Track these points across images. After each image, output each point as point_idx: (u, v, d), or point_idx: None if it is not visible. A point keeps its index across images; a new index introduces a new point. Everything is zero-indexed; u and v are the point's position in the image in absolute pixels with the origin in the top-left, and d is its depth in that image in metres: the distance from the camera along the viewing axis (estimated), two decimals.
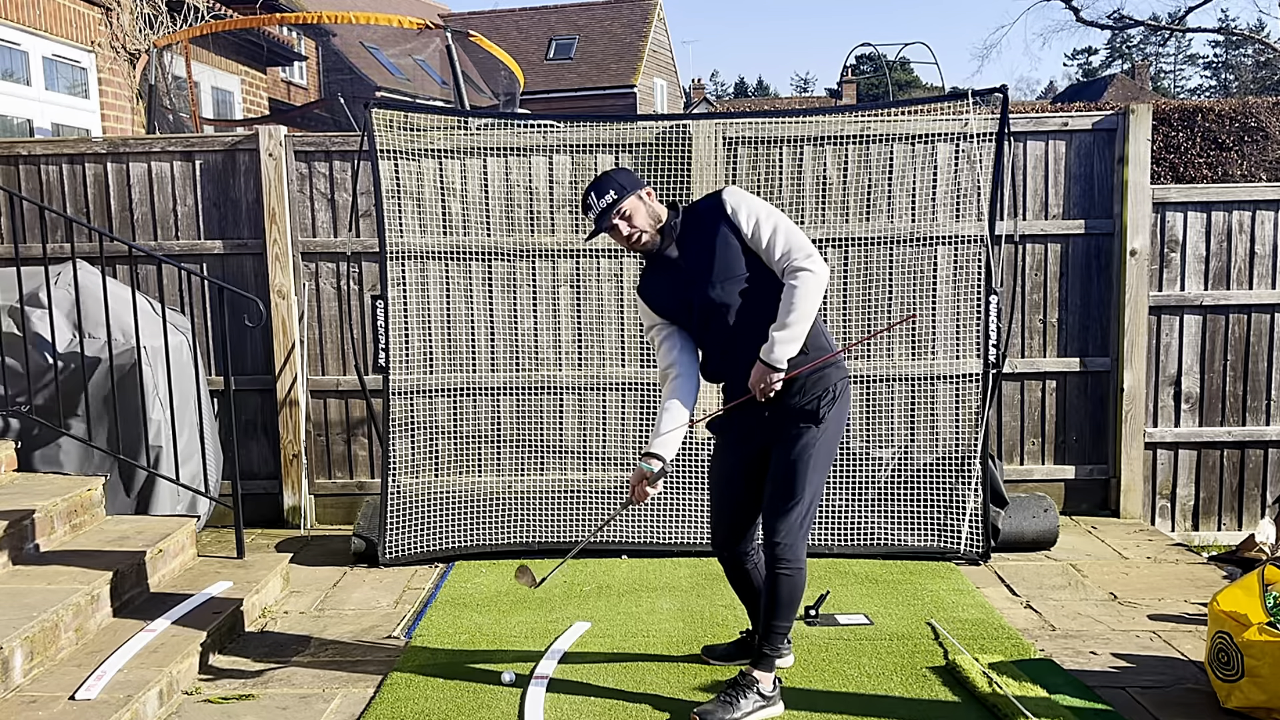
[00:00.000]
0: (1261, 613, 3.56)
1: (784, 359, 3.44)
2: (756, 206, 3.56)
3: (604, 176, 3.63)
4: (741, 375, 3.55)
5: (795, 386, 3.53)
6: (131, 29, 9.03)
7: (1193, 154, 12.44)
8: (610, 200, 3.57)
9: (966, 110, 5.57)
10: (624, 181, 3.60)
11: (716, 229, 3.55)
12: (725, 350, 3.61)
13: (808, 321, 3.47)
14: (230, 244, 6.06)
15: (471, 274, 5.79)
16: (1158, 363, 6.10)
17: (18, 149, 6.03)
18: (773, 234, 3.50)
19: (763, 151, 5.81)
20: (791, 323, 3.43)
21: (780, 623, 3.64)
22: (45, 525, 4.54)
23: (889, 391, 5.80)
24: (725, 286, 3.54)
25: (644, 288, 3.75)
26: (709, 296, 3.55)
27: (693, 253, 3.59)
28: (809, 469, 3.55)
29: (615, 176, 3.63)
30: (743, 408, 3.59)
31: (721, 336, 3.59)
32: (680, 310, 3.66)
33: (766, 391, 3.48)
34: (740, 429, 3.70)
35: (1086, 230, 5.99)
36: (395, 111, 5.76)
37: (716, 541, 3.89)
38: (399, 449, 5.62)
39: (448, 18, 29.09)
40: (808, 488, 3.57)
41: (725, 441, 3.80)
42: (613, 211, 3.57)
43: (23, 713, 3.44)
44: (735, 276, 3.54)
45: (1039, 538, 5.46)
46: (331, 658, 4.23)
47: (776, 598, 3.60)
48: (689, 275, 3.59)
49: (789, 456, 3.56)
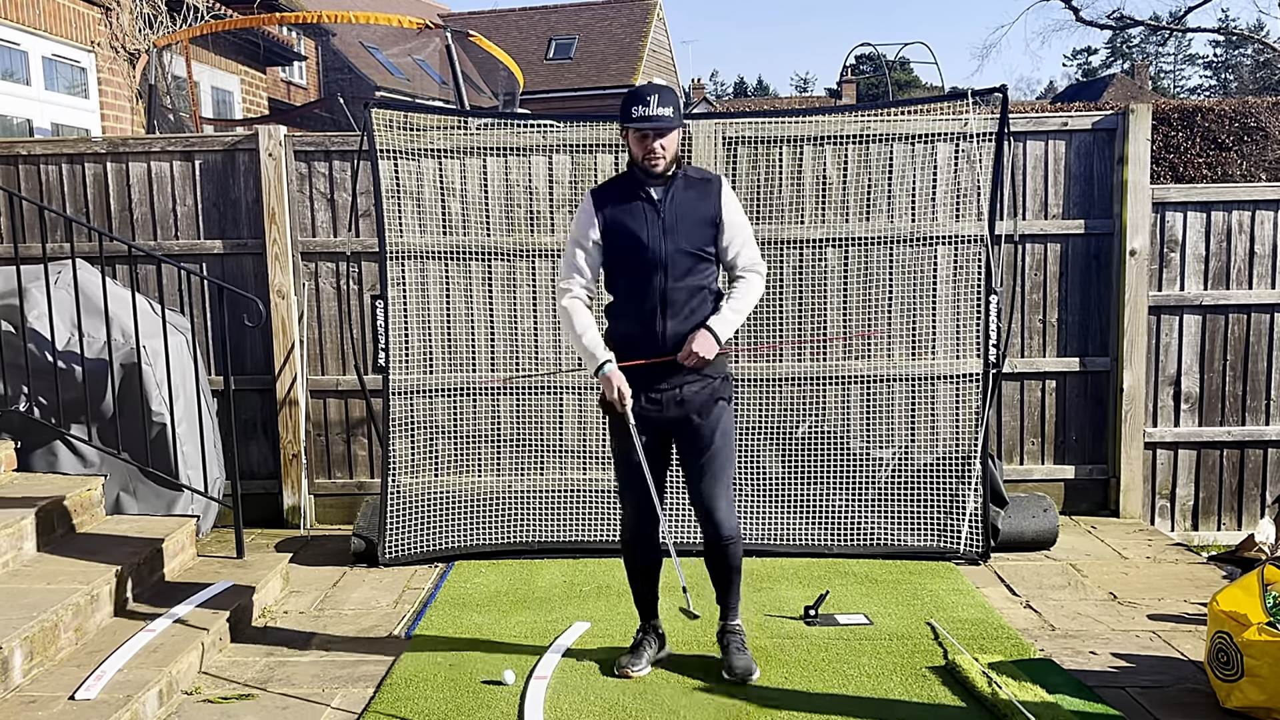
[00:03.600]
0: (1261, 613, 3.56)
1: (726, 337, 3.75)
2: (741, 214, 3.88)
3: (667, 90, 3.72)
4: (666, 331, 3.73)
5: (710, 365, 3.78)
6: (131, 29, 9.03)
7: (1192, 154, 12.43)
8: (668, 115, 3.66)
9: (966, 110, 5.57)
10: (678, 108, 3.72)
11: (709, 203, 3.78)
12: (657, 307, 3.74)
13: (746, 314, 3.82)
14: (230, 244, 6.06)
15: (471, 274, 5.79)
16: (1157, 363, 6.10)
17: (17, 149, 6.03)
18: (745, 239, 3.84)
19: (763, 151, 5.81)
20: (743, 309, 3.79)
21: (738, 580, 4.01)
22: (45, 525, 4.54)
23: (889, 391, 5.80)
24: (690, 252, 3.75)
25: (606, 200, 3.80)
26: (678, 249, 3.74)
27: (679, 206, 3.76)
28: (730, 444, 3.87)
29: (675, 99, 3.73)
30: (647, 379, 3.75)
31: (659, 291, 3.74)
32: (633, 244, 3.75)
33: (699, 361, 3.71)
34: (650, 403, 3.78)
35: (1086, 230, 5.99)
36: (395, 111, 5.76)
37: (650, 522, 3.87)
38: (399, 449, 5.62)
39: (448, 18, 29.11)
40: (731, 461, 3.91)
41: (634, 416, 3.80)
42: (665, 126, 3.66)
43: (22, 713, 3.44)
44: (700, 249, 3.78)
45: (1039, 537, 5.46)
46: (331, 658, 4.23)
47: (733, 565, 3.94)
48: (666, 224, 3.75)
49: (716, 432, 3.81)
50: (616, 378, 3.71)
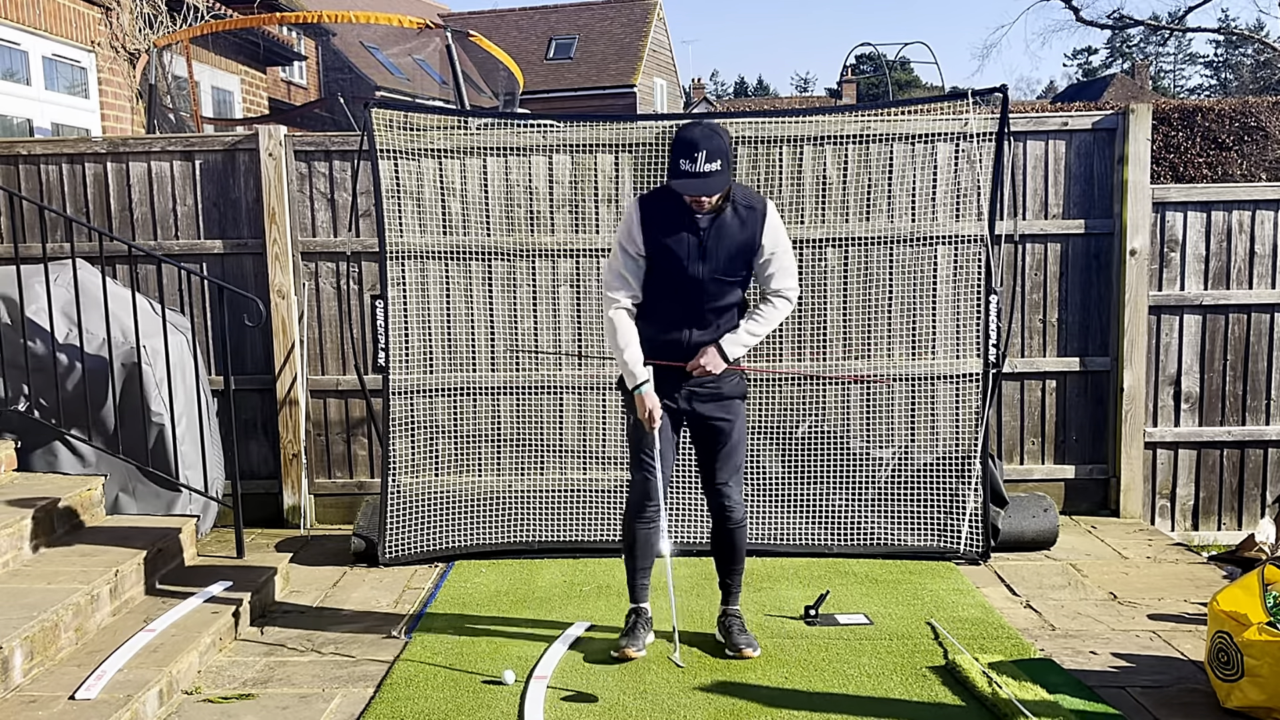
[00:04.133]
0: (1261, 612, 3.56)
1: (735, 357, 3.94)
2: (783, 239, 3.94)
3: (714, 137, 3.69)
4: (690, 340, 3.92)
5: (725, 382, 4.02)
6: (131, 29, 9.03)
7: (1193, 154, 12.43)
8: (715, 170, 3.68)
9: (966, 110, 5.57)
10: (726, 156, 3.71)
11: (748, 235, 3.87)
12: (686, 319, 3.93)
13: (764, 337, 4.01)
14: (230, 244, 6.06)
15: (471, 274, 5.79)
16: (1157, 362, 6.10)
17: (18, 149, 6.03)
18: (781, 266, 3.93)
19: (763, 151, 5.81)
20: (758, 333, 3.96)
21: (742, 566, 4.22)
22: (45, 525, 4.54)
23: (889, 391, 5.79)
24: (726, 277, 3.89)
25: (653, 217, 3.86)
26: (714, 276, 3.87)
27: (722, 236, 3.85)
28: (744, 438, 4.12)
29: (723, 144, 3.71)
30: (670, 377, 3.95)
31: (691, 307, 3.91)
32: (673, 265, 3.86)
33: (703, 374, 3.92)
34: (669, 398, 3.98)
35: (1086, 230, 5.99)
36: (395, 111, 5.75)
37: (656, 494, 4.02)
38: (399, 449, 5.61)
39: (448, 17, 29.11)
40: (743, 452, 4.16)
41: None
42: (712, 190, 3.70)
43: (23, 712, 3.44)
44: (735, 274, 3.92)
45: (1039, 537, 5.46)
46: (331, 657, 4.23)
47: (738, 548, 4.17)
48: (706, 249, 3.85)
49: (734, 428, 4.04)
50: (650, 400, 3.90)
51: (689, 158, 3.67)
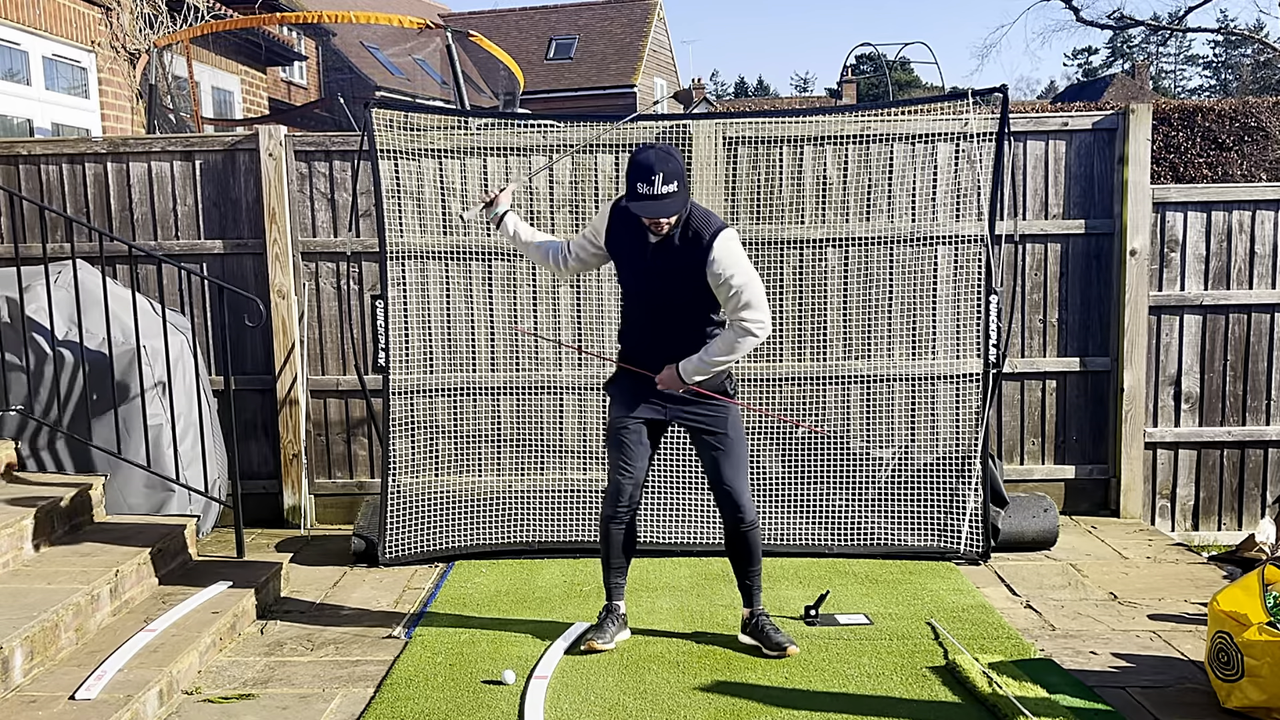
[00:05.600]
0: (1261, 612, 3.56)
1: (693, 380, 3.98)
2: (737, 269, 3.87)
3: (670, 159, 3.76)
4: (656, 351, 4.03)
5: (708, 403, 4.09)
6: (131, 29, 9.03)
7: (1193, 154, 12.44)
8: (670, 192, 3.76)
9: (966, 110, 5.57)
10: (682, 181, 3.80)
11: (693, 261, 3.87)
12: (651, 331, 4.06)
13: (727, 366, 4.00)
14: (230, 244, 6.06)
15: (471, 274, 5.79)
16: (1158, 363, 6.10)
17: (18, 149, 6.03)
18: (737, 292, 3.86)
19: (763, 151, 5.81)
20: (716, 362, 3.95)
21: (760, 567, 4.24)
22: (45, 525, 4.54)
23: (889, 391, 5.79)
24: (677, 297, 3.97)
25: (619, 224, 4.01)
26: (668, 288, 3.96)
27: (670, 256, 3.92)
28: (742, 434, 4.15)
29: (678, 166, 3.78)
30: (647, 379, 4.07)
31: (653, 320, 4.04)
32: (627, 274, 4.08)
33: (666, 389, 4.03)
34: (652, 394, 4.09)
35: (1086, 230, 5.99)
36: (395, 111, 5.76)
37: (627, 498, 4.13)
38: (399, 449, 5.61)
39: (448, 18, 29.08)
40: (745, 450, 4.18)
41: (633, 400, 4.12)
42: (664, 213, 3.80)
43: (23, 712, 3.44)
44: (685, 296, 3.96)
45: (1039, 537, 5.46)
46: (331, 657, 4.23)
47: (754, 550, 4.18)
48: (659, 265, 3.94)
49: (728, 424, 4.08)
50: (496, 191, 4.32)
51: (645, 180, 3.73)
